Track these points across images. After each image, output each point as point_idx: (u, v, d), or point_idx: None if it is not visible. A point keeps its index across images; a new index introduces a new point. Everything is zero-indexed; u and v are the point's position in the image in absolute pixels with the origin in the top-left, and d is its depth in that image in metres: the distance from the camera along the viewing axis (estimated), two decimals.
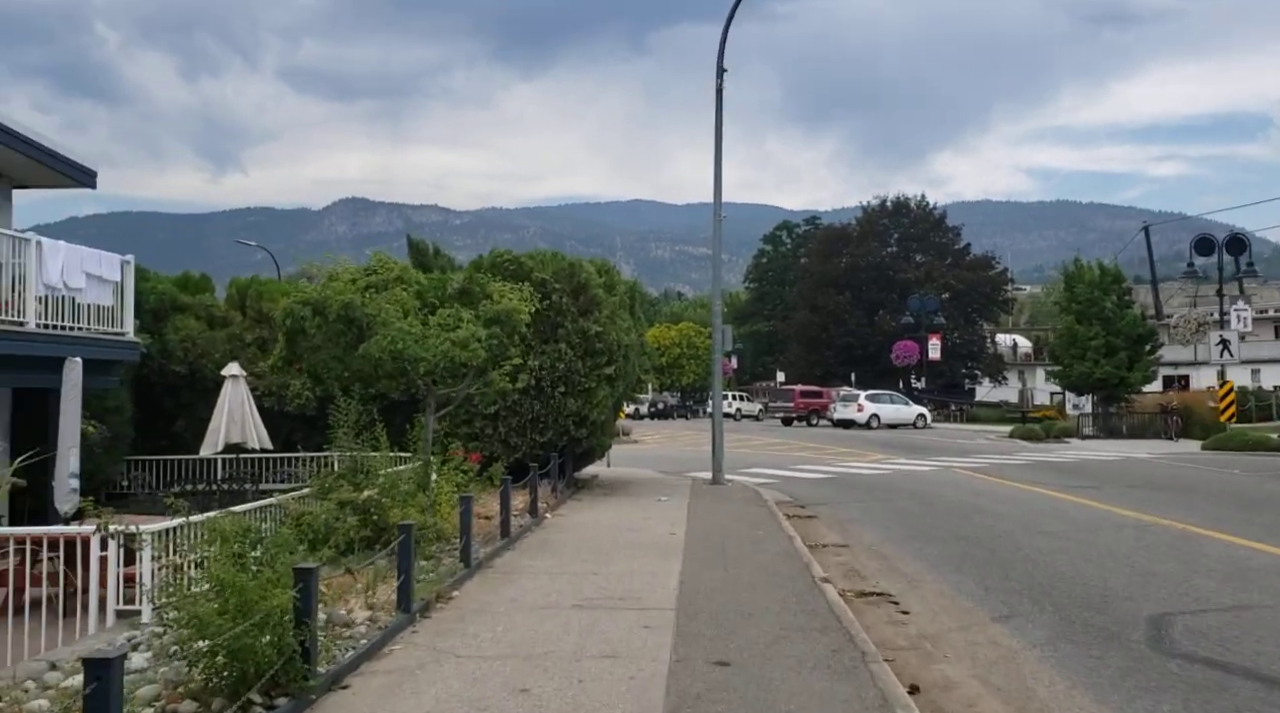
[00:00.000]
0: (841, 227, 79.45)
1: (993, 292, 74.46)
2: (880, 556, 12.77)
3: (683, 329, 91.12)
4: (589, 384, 18.04)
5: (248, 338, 21.12)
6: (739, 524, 14.64)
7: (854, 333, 71.17)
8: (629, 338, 18.97)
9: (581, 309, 18.31)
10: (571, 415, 17.98)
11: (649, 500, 17.80)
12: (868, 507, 17.84)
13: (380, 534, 10.89)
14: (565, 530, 13.90)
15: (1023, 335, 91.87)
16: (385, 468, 12.36)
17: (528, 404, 17.88)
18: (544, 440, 18.00)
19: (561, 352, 17.91)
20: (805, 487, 21.74)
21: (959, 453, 31.53)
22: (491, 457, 17.92)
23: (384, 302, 11.32)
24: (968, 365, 74.18)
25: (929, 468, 25.73)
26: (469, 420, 18.03)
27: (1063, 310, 42.38)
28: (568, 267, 18.50)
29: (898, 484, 21.65)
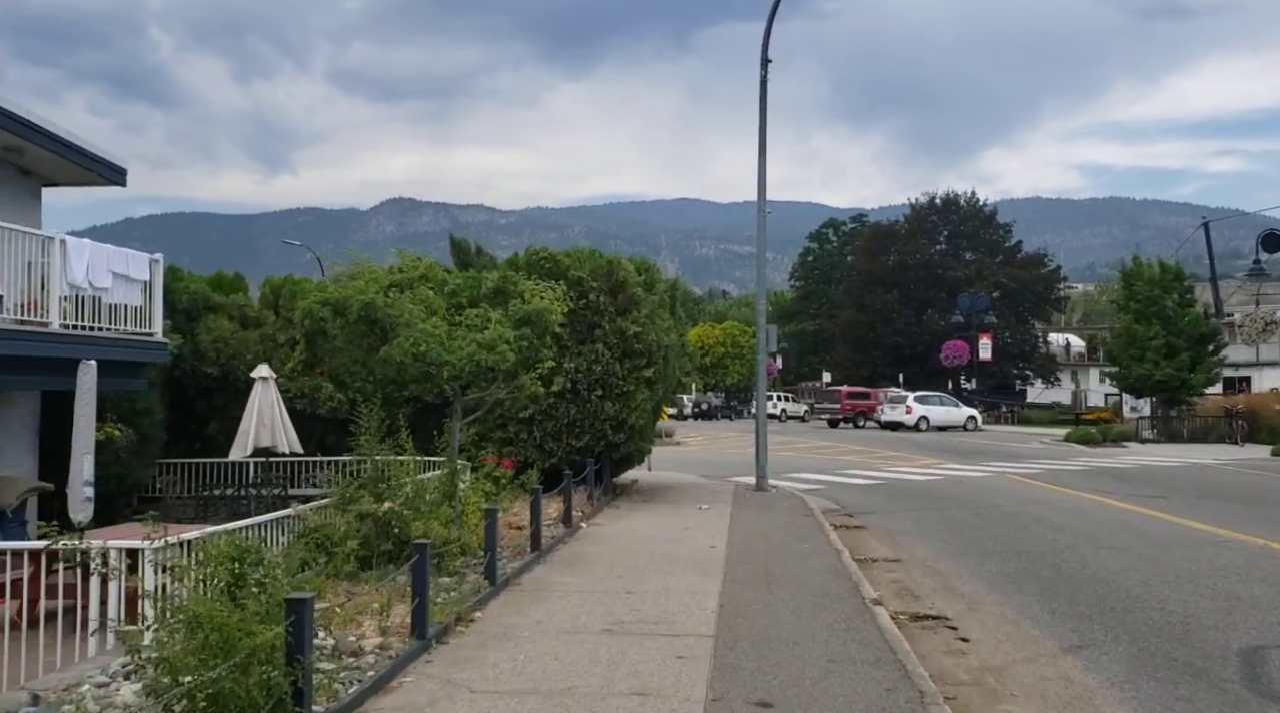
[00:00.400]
0: (889, 224, 78.15)
1: (1045, 290, 72.81)
2: (935, 572, 11.95)
3: (727, 328, 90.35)
4: (627, 387, 17.37)
5: (280, 339, 20.67)
6: (783, 536, 13.89)
7: (902, 332, 69.88)
8: (669, 339, 18.27)
9: (619, 309, 17.64)
10: (609, 419, 17.32)
11: (689, 508, 17.08)
12: (919, 516, 16.98)
13: (402, 548, 10.28)
14: (600, 542, 13.23)
15: (1075, 335, 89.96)
16: (411, 476, 11.77)
17: (563, 408, 17.24)
18: (580, 445, 17.35)
19: (599, 353, 17.25)
20: (853, 493, 20.90)
21: (1012, 457, 30.46)
22: (526, 462, 17.32)
23: (407, 302, 10.71)
24: (1018, 366, 72.60)
25: (982, 474, 24.76)
26: (503, 425, 17.43)
27: (1120, 309, 40.97)
28: (605, 265, 17.84)
29: (950, 491, 20.74)
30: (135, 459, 18.69)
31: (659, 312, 18.52)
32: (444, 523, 10.67)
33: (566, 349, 17.34)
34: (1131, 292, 39.66)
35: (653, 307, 18.29)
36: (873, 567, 12.23)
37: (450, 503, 11.32)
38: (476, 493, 12.30)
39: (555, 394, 17.13)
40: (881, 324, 70.38)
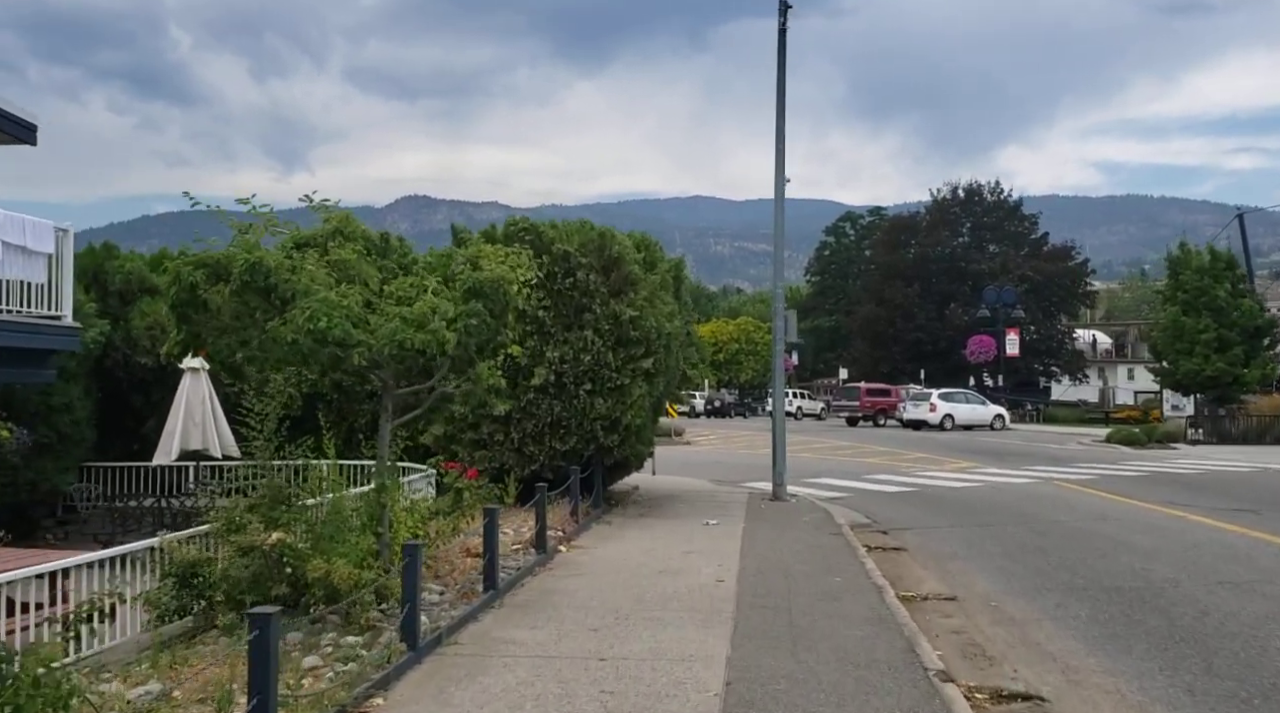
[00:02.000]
0: (909, 215, 75.31)
1: (1072, 284, 69.80)
2: (1006, 617, 9.26)
3: (741, 324, 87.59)
4: (621, 380, 14.70)
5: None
6: (808, 564, 11.21)
7: (923, 328, 67.01)
8: (672, 325, 15.60)
9: (613, 289, 14.98)
10: (600, 418, 14.66)
11: (694, 524, 14.41)
12: (968, 535, 14.28)
13: (303, 592, 7.68)
14: (579, 573, 10.56)
15: (1101, 330, 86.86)
16: (329, 492, 9.16)
17: (546, 405, 14.59)
18: (566, 449, 14.70)
19: (588, 341, 14.59)
20: (884, 503, 18.20)
21: (1053, 461, 27.66)
22: (502, 469, 14.70)
23: (311, 264, 8.07)
24: (1044, 362, 69.62)
25: (1025, 480, 22.00)
26: (475, 425, 14.79)
27: (1166, 300, 37.97)
28: (597, 238, 15.17)
29: (997, 502, 18.01)
30: (53, 464, 16.15)
31: (660, 293, 15.85)
32: (360, 558, 8.03)
33: (549, 336, 14.70)
34: (1178, 281, 36.67)
35: (653, 287, 15.63)
36: (924, 609, 9.55)
37: (375, 529, 8.68)
38: (416, 515, 9.65)
39: (536, 389, 14.51)
40: (902, 319, 67.50)
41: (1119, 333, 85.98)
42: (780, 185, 17.72)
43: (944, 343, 66.41)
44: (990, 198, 73.01)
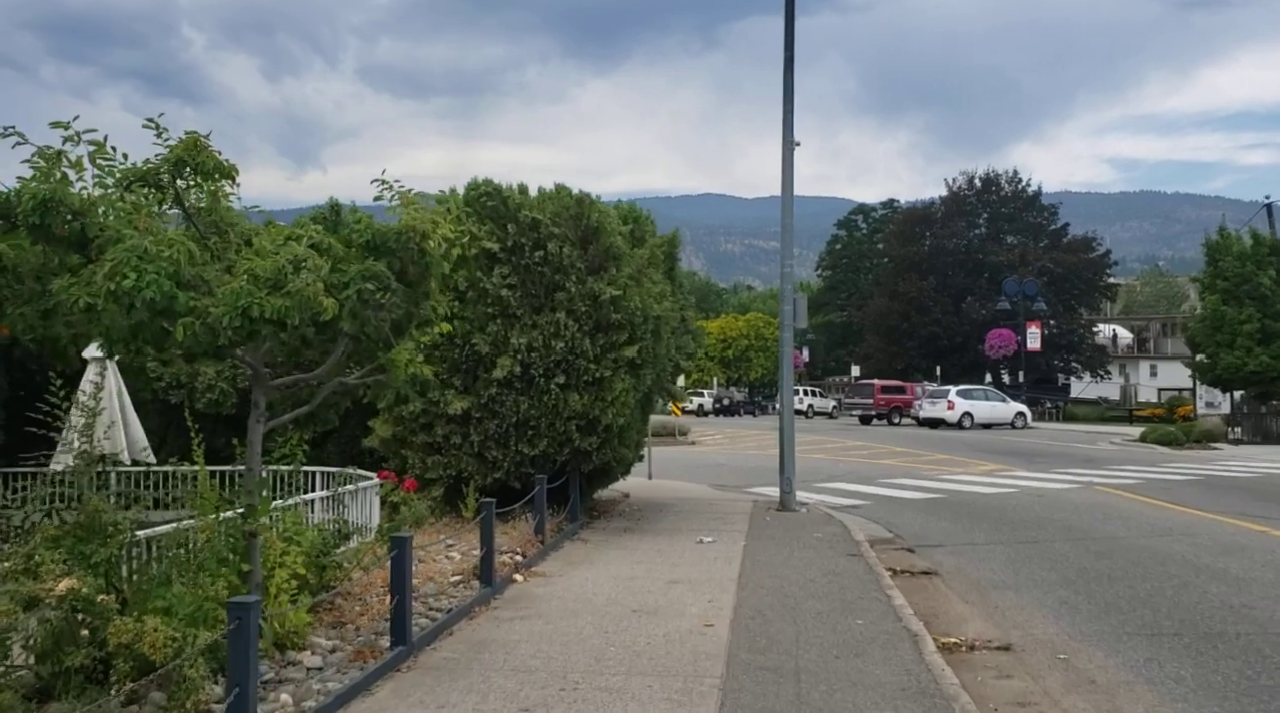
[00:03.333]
0: (924, 207, 72.73)
1: (1094, 277, 67.27)
2: (1084, 679, 6.99)
3: (750, 320, 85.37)
4: (601, 372, 12.47)
5: None
6: (821, 598, 8.96)
7: (939, 322, 64.59)
8: (663, 308, 13.34)
9: (592, 265, 12.74)
10: (575, 417, 12.43)
11: (687, 542, 12.17)
12: (1011, 554, 12.02)
13: (109, 663, 5.47)
14: (529, 615, 8.32)
15: (1121, 325, 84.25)
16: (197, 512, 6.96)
17: (511, 401, 12.36)
18: (536, 453, 12.47)
19: (560, 325, 12.36)
20: (906, 513, 15.94)
21: (1088, 462, 25.33)
22: (460, 477, 12.49)
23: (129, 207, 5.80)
24: (1064, 358, 67.15)
25: (1064, 485, 19.71)
26: (428, 425, 12.57)
27: (1205, 289, 35.47)
28: (573, 204, 12.92)
29: (1036, 512, 15.72)
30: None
31: (648, 271, 13.61)
32: (198, 613, 5.81)
33: (515, 319, 12.47)
34: (1218, 268, 34.19)
35: (639, 265, 13.39)
36: (973, 664, 7.30)
37: (241, 568, 6.45)
38: (304, 545, 7.43)
39: (499, 382, 12.29)
40: (917, 313, 65.08)
41: (1140, 328, 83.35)
42: (789, 146, 15.46)
43: (960, 338, 64.06)
44: (1008, 188, 70.55)
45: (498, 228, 12.57)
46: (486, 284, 12.32)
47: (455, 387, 12.43)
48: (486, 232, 12.51)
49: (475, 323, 12.39)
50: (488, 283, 12.33)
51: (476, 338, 12.32)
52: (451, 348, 12.43)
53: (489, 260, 12.49)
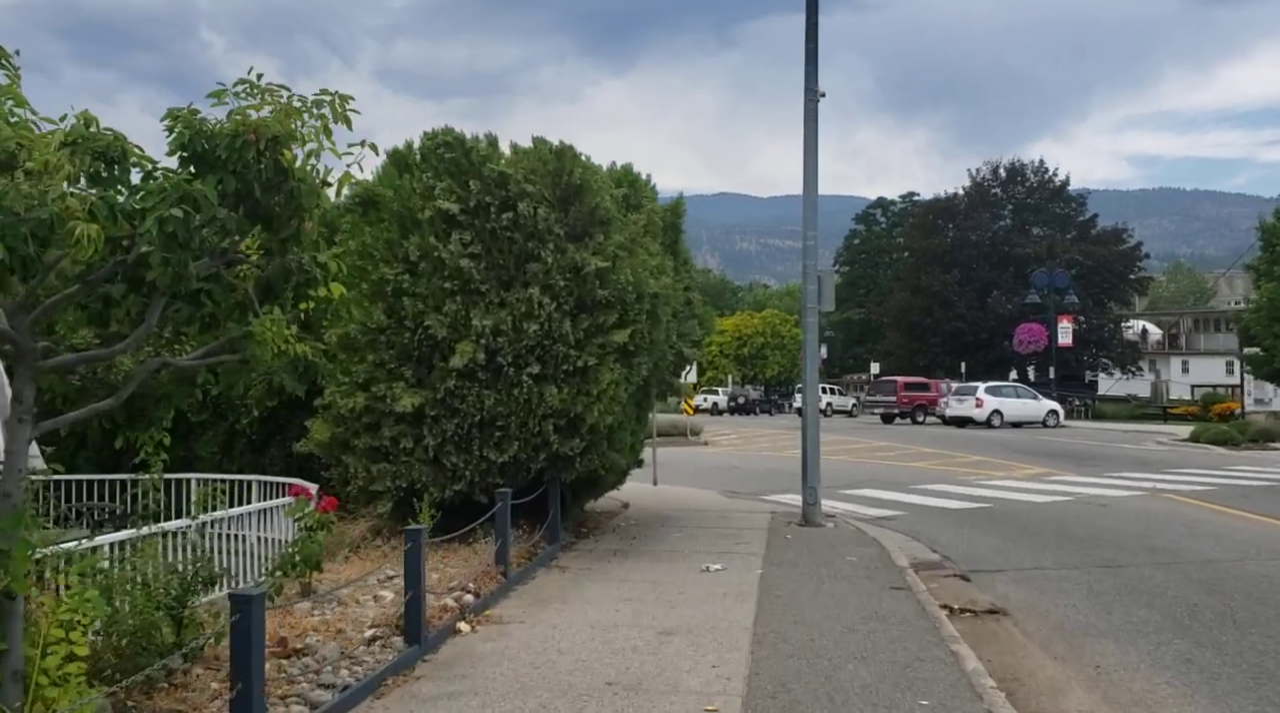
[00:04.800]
0: (946, 198, 70.00)
1: (1124, 269, 64.50)
2: None
3: (766, 317, 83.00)
4: (584, 360, 10.15)
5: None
6: (865, 660, 6.61)
7: (963, 317, 61.96)
8: (661, 284, 11.00)
9: (574, 230, 10.43)
10: (553, 415, 10.11)
11: (690, 569, 9.84)
12: (1092, 584, 9.67)
13: None
14: (460, 693, 5.98)
15: (1150, 321, 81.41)
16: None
17: (473, 397, 10.05)
18: (505, 460, 10.15)
19: (534, 303, 10.05)
20: (949, 526, 13.61)
21: (1142, 465, 22.87)
22: (412, 490, 10.19)
23: None
24: (1093, 354, 64.41)
25: (1124, 492, 17.30)
26: (372, 426, 10.27)
27: (1261, 276, 32.84)
28: (552, 158, 10.58)
29: (1104, 526, 13.34)
30: None
31: (644, 241, 11.28)
32: None
33: (478, 296, 10.17)
34: (1275, 252, 31.60)
35: (634, 232, 11.06)
36: None
37: None
38: (82, 618, 5.11)
39: (459, 373, 9.99)
40: (940, 308, 62.48)
41: (1170, 323, 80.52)
42: (812, 98, 13.12)
43: (985, 333, 61.44)
44: (1033, 178, 67.86)
45: (458, 184, 10.27)
46: (443, 252, 10.02)
47: (405, 379, 10.13)
48: (444, 189, 10.21)
49: (429, 300, 10.10)
50: (444, 251, 10.02)
51: (431, 318, 10.02)
52: (400, 331, 10.15)
53: (446, 223, 10.19)
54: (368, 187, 10.67)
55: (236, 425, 12.68)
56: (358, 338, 10.19)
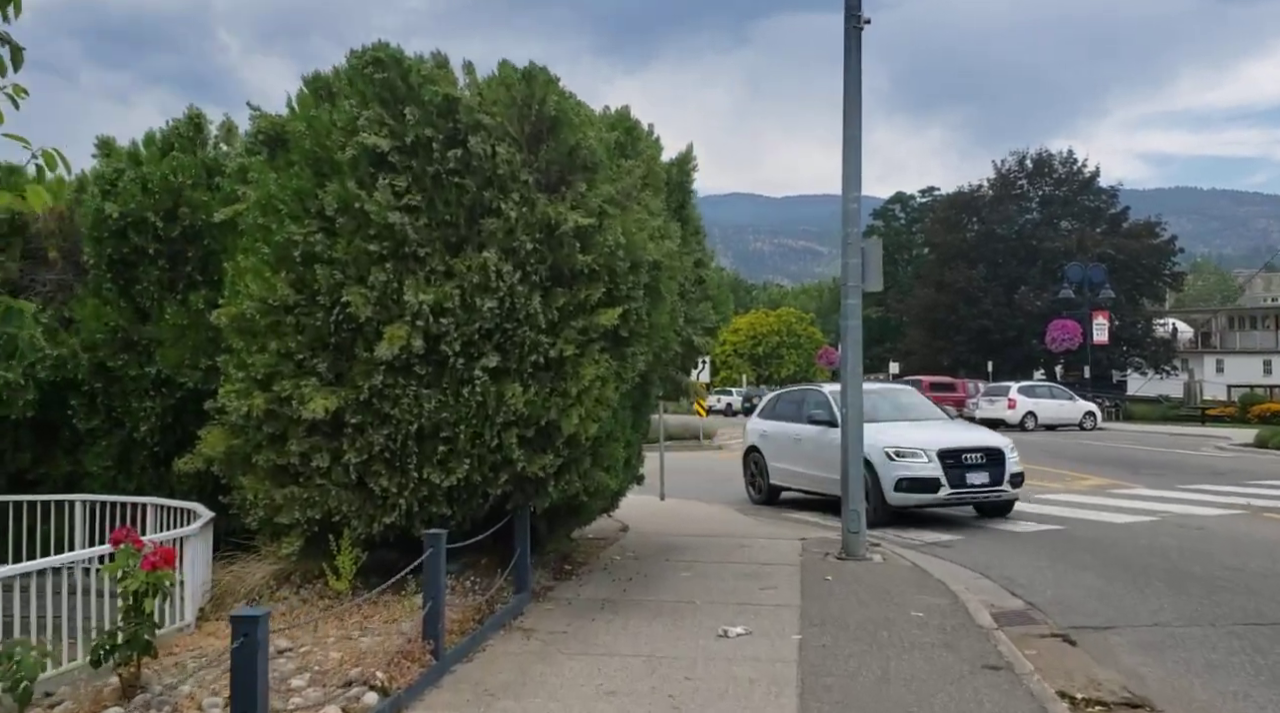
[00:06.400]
0: (970, 191, 67.11)
1: (1157, 264, 61.55)
2: None
3: (781, 315, 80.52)
4: (560, 349, 7.54)
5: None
6: None
7: (989, 314, 59.14)
8: (664, 251, 8.36)
9: (547, 177, 7.83)
10: (517, 422, 7.51)
11: (701, 633, 7.22)
12: (1256, 657, 7.01)
13: None
14: None
15: (1181, 318, 78.37)
16: None
17: (409, 397, 7.45)
18: (452, 483, 7.54)
19: (491, 272, 7.44)
20: (1021, 555, 10.98)
21: (1216, 476, 20.12)
22: (330, 522, 7.60)
23: None
24: (1125, 352, 61.46)
25: (1215, 510, 14.59)
26: (278, 437, 7.67)
27: None
28: (518, 83, 7.96)
29: (1227, 561, 10.63)
30: None
31: (643, 196, 8.68)
32: None
33: (415, 262, 7.57)
34: None
35: (629, 185, 8.45)
36: None
37: None
38: None
39: (390, 366, 7.39)
40: (965, 304, 59.68)
41: (1203, 321, 77.49)
42: (853, 27, 10.48)
43: (1013, 331, 58.65)
44: (1061, 169, 64.94)
45: (389, 114, 7.66)
46: (368, 203, 7.42)
47: (317, 374, 7.54)
48: (371, 119, 7.61)
49: (350, 268, 7.50)
50: (369, 202, 7.42)
51: (351, 293, 7.42)
52: (312, 309, 7.56)
53: (374, 165, 7.59)
54: (275, 121, 8.09)
55: (135, 434, 10.12)
56: (255, 319, 7.60)
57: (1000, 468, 13.53)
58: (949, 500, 13.34)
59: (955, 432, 14.68)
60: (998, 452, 13.67)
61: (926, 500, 13.26)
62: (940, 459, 13.19)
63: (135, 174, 10.08)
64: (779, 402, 17.00)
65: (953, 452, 13.34)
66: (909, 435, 13.75)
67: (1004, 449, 13.78)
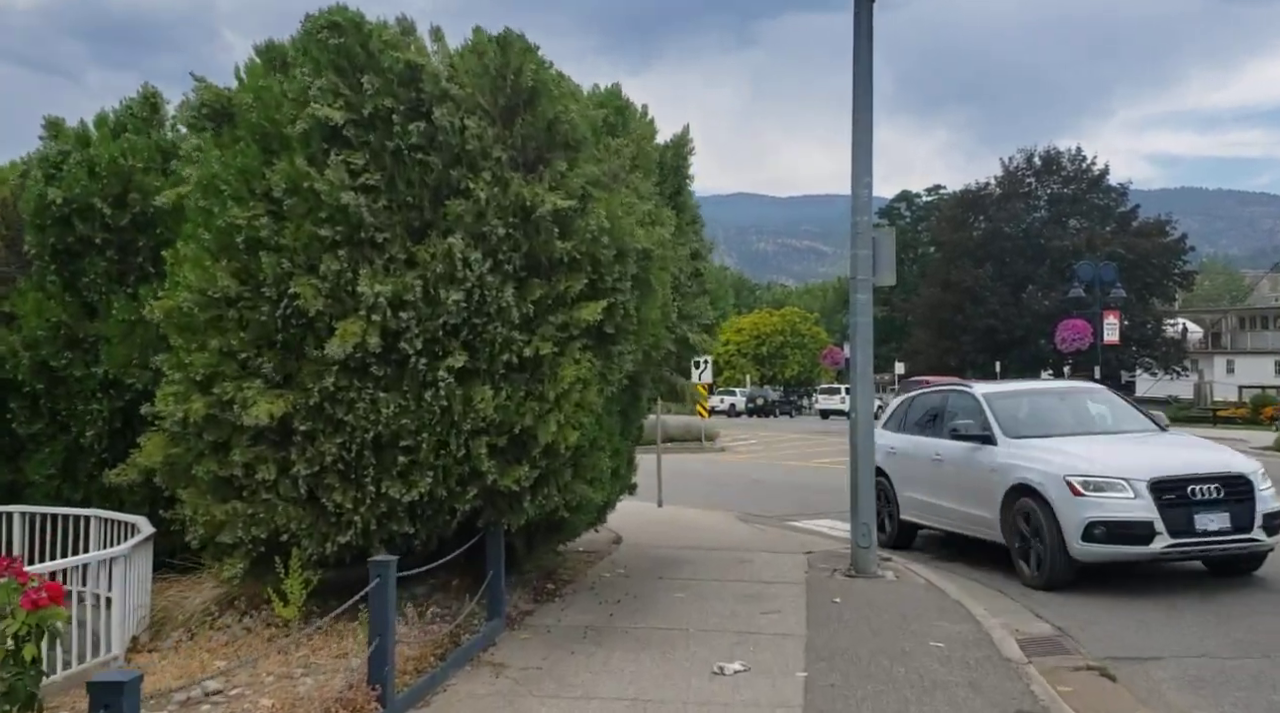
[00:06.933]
0: (977, 189, 66.16)
1: (1168, 263, 60.59)
2: None
3: (785, 315, 79.62)
4: (536, 347, 6.70)
5: None
6: None
7: (996, 314, 58.18)
8: (655, 238, 7.52)
9: (523, 155, 6.99)
10: (486, 430, 6.67)
11: (694, 670, 6.37)
12: None
13: None
14: None
15: (1190, 318, 77.42)
16: None
17: (365, 401, 6.61)
18: (414, 497, 6.69)
19: (458, 260, 6.60)
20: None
21: None
22: (277, 541, 6.75)
23: None
24: (1133, 352, 60.52)
25: None
26: (220, 445, 6.84)
27: None
28: (491, 50, 7.11)
29: (1275, 582, 9.78)
30: None
31: (633, 178, 7.85)
32: None
33: (372, 249, 6.73)
34: None
35: (617, 166, 7.62)
36: None
37: None
38: None
39: (343, 366, 6.54)
40: (971, 304, 58.75)
41: (1213, 321, 76.54)
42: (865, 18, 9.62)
43: (1020, 331, 57.70)
44: (1070, 167, 63.97)
45: (346, 83, 6.82)
46: (318, 183, 6.58)
47: (263, 376, 6.70)
48: (324, 88, 6.77)
49: (299, 256, 6.66)
50: (320, 181, 6.58)
51: (300, 283, 6.58)
52: (257, 302, 6.72)
53: (328, 141, 6.75)
54: (220, 93, 7.25)
55: (81, 440, 9.29)
56: (194, 314, 6.77)
57: (1247, 505, 9.07)
58: (1167, 554, 9.10)
59: (1173, 451, 10.07)
60: (1241, 481, 9.19)
61: (1133, 555, 9.12)
62: (1154, 493, 8.93)
63: (82, 157, 9.26)
64: (910, 408, 12.82)
65: (1172, 482, 9.01)
66: (1103, 457, 9.47)
67: (1250, 476, 9.29)
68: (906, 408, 12.93)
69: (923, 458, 11.53)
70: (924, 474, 11.47)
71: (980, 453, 10.42)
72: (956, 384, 13.28)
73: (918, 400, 12.93)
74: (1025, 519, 9.60)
